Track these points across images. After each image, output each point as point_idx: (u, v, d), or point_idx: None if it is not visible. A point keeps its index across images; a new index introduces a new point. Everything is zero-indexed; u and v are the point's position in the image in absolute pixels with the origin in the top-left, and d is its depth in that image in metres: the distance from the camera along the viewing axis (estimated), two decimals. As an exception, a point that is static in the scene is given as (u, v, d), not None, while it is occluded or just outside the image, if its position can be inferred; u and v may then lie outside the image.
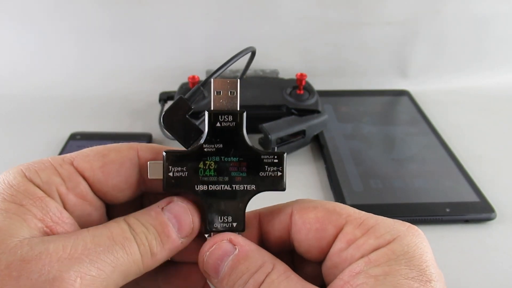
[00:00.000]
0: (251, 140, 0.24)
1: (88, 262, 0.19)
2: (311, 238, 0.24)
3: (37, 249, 0.19)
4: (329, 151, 0.53)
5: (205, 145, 0.24)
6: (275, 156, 0.24)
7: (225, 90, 0.24)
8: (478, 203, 0.45)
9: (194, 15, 0.65)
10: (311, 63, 0.69)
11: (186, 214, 0.23)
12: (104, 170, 0.23)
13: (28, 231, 0.20)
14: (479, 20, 0.67)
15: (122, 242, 0.21)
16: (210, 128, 0.24)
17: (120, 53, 0.68)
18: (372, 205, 0.45)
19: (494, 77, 0.70)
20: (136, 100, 0.64)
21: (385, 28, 0.67)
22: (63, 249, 0.19)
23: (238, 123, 0.24)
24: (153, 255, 0.22)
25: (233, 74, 0.60)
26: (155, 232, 0.22)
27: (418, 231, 0.23)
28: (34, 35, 0.66)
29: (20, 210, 0.20)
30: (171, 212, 0.23)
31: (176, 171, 0.24)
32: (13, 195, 0.21)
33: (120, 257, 0.20)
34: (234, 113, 0.24)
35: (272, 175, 0.24)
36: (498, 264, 0.40)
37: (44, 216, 0.21)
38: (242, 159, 0.24)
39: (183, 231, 0.23)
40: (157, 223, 0.22)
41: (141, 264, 0.21)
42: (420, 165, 0.51)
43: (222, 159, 0.24)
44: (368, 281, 0.20)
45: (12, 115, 0.62)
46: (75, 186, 0.23)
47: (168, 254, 0.23)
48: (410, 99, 0.65)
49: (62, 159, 0.23)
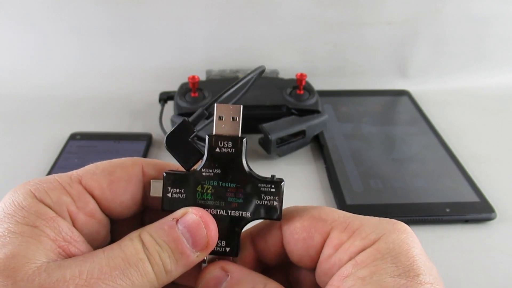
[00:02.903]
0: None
1: (104, 287, 0.20)
2: (300, 248, 0.24)
3: (55, 276, 0.19)
4: (329, 151, 0.53)
5: (203, 169, 0.24)
6: (272, 185, 0.24)
7: (227, 115, 0.24)
8: (478, 203, 0.45)
9: (194, 15, 0.65)
10: (311, 63, 0.69)
11: (200, 227, 0.23)
12: (112, 188, 0.24)
13: (44, 253, 0.20)
14: (479, 20, 0.67)
15: (137, 264, 0.21)
16: (210, 153, 0.24)
17: (120, 53, 0.68)
18: (372, 205, 0.45)
19: (494, 77, 0.70)
20: (136, 100, 0.64)
21: (385, 28, 0.67)
22: (79, 275, 0.20)
23: (238, 149, 0.24)
24: (167, 272, 0.22)
25: (233, 74, 0.60)
26: (168, 250, 0.22)
27: (404, 227, 0.23)
28: (34, 35, 0.66)
29: (34, 232, 0.21)
30: (185, 225, 0.23)
31: (175, 192, 0.24)
32: (26, 217, 0.21)
33: (136, 279, 0.20)
34: (235, 139, 0.24)
35: (268, 204, 0.24)
36: (498, 264, 0.40)
37: (57, 236, 0.21)
38: (239, 186, 0.24)
39: (197, 245, 0.23)
40: (171, 240, 0.22)
41: (156, 282, 0.21)
42: (420, 165, 0.51)
43: (220, 184, 0.24)
44: (356, 283, 0.20)
45: (12, 115, 0.62)
46: (84, 205, 0.23)
47: (184, 269, 0.23)
48: (410, 99, 0.65)
49: (70, 178, 0.23)
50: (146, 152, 0.53)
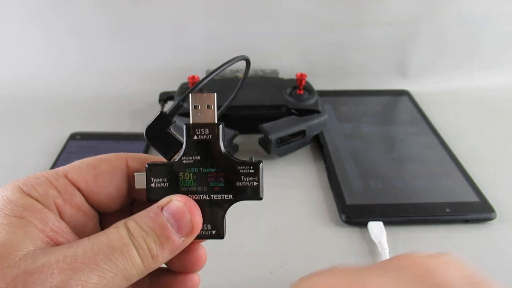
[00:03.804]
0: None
1: (88, 271, 0.20)
2: None
3: (40, 261, 0.20)
4: (329, 151, 0.53)
5: (184, 157, 0.25)
6: (251, 167, 0.25)
7: (202, 104, 0.25)
8: (478, 203, 0.45)
9: (193, 15, 0.65)
10: (311, 63, 0.69)
11: (185, 213, 0.24)
12: (97, 181, 0.25)
13: (32, 242, 0.21)
14: (479, 20, 0.67)
15: (121, 248, 0.21)
16: (188, 141, 0.25)
17: (120, 53, 0.68)
18: (372, 205, 0.45)
19: (494, 77, 0.70)
20: (136, 100, 0.64)
21: (385, 28, 0.67)
22: (64, 259, 0.20)
23: (215, 136, 0.25)
24: (153, 257, 0.22)
25: (233, 74, 0.60)
26: (154, 235, 0.22)
27: None
28: (34, 35, 0.66)
29: (22, 222, 0.21)
30: (170, 212, 0.23)
31: (158, 182, 0.25)
32: (13, 209, 0.22)
33: (120, 263, 0.21)
34: (211, 126, 0.25)
35: (249, 185, 0.25)
36: (498, 264, 0.40)
37: (44, 227, 0.22)
38: (219, 170, 0.25)
39: (182, 230, 0.23)
40: (156, 225, 0.23)
41: (142, 266, 0.22)
42: (420, 165, 0.51)
43: (201, 170, 0.25)
44: None
45: (12, 115, 0.62)
46: (71, 198, 0.24)
47: (170, 254, 0.23)
48: (410, 99, 0.65)
49: (56, 173, 0.25)
50: (146, 152, 0.53)
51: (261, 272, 0.39)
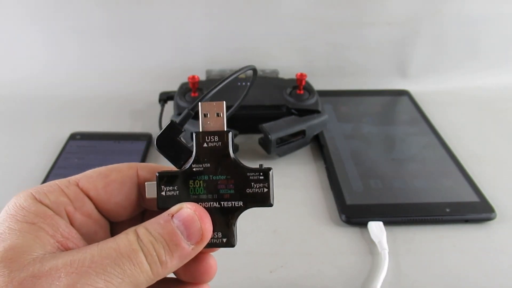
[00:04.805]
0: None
1: (94, 275, 0.20)
2: None
3: (48, 265, 0.20)
4: (329, 151, 0.53)
5: (194, 165, 0.25)
6: (261, 173, 0.25)
7: (211, 112, 0.25)
8: (478, 203, 0.45)
9: (194, 15, 0.65)
10: (311, 63, 0.69)
11: (195, 220, 0.23)
12: (107, 190, 0.25)
13: (41, 247, 0.21)
14: (479, 20, 0.67)
15: (129, 254, 0.21)
16: (198, 149, 0.25)
17: (120, 53, 0.68)
18: (372, 205, 0.45)
19: (494, 77, 0.70)
20: (136, 100, 0.64)
21: (385, 28, 0.67)
22: (71, 263, 0.20)
23: (224, 143, 0.25)
24: (162, 263, 0.22)
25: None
26: (163, 241, 0.22)
27: None
28: (34, 35, 0.66)
29: (33, 228, 0.22)
30: (180, 219, 0.23)
31: (168, 190, 0.25)
32: (25, 215, 0.22)
33: (128, 269, 0.21)
34: (220, 134, 0.25)
35: (259, 192, 0.25)
36: (498, 264, 0.40)
37: (55, 233, 0.22)
38: (229, 177, 0.25)
39: (192, 238, 0.23)
40: (165, 232, 0.23)
41: (151, 273, 0.22)
42: (420, 165, 0.51)
43: (211, 177, 0.25)
44: None
45: (12, 115, 0.62)
46: (81, 206, 0.24)
47: (180, 262, 0.23)
48: (410, 99, 0.65)
49: (68, 181, 0.25)
50: (146, 152, 0.53)
51: (261, 272, 0.39)
